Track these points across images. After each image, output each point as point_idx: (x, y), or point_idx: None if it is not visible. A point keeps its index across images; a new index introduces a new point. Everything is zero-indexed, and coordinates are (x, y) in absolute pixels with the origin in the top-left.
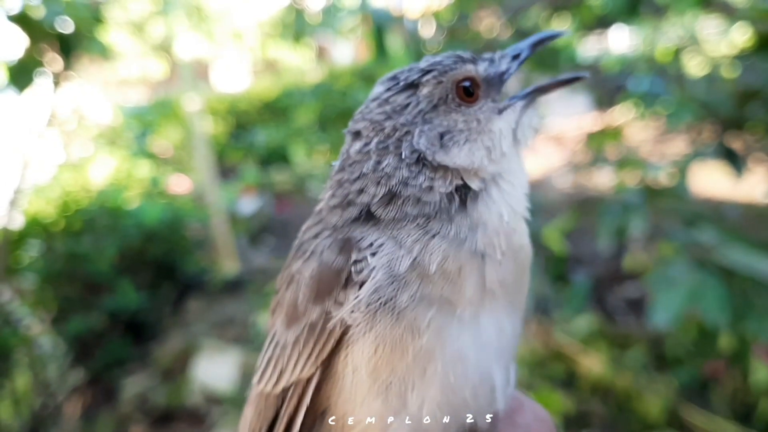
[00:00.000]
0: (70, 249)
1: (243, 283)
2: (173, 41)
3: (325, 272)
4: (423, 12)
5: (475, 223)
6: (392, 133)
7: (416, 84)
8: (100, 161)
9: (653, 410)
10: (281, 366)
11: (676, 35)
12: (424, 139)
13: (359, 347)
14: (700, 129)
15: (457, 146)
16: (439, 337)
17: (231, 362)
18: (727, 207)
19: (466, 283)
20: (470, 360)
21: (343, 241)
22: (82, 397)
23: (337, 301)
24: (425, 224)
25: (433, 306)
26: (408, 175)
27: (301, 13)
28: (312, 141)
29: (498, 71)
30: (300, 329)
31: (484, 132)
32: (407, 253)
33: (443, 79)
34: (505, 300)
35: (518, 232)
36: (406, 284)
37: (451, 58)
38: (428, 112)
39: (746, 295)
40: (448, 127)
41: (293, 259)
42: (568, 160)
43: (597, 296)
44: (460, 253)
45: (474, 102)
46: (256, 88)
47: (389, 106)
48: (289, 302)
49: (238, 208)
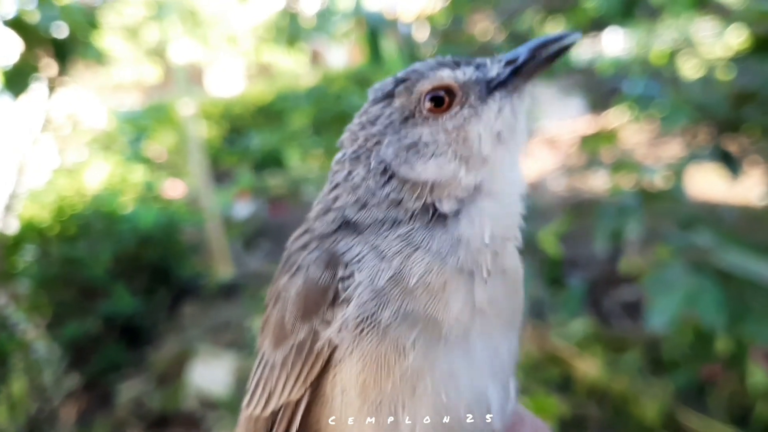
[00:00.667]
0: (65, 254)
1: (238, 287)
2: (167, 46)
3: (312, 290)
4: (417, 16)
5: (457, 240)
6: (364, 144)
7: (392, 94)
8: (95, 166)
9: (650, 414)
10: (270, 388)
11: (670, 38)
12: (391, 150)
13: (347, 367)
14: (696, 132)
15: (422, 161)
16: (426, 357)
17: (226, 367)
18: (724, 210)
19: (451, 299)
20: (462, 379)
21: (329, 255)
22: (77, 402)
23: (324, 320)
24: (407, 236)
25: (418, 324)
26: (374, 186)
27: (295, 17)
28: (306, 145)
29: (485, 77)
30: (288, 349)
31: (456, 141)
32: (388, 265)
33: (413, 90)
34: (497, 319)
35: (503, 254)
36: (388, 300)
37: (428, 66)
38: (400, 123)
39: (743, 298)
40: (414, 141)
41: (281, 273)
42: (562, 163)
43: (592, 299)
44: (444, 268)
45: (445, 111)
46: (250, 92)
47: (365, 116)
48: (276, 321)
49: (233, 212)
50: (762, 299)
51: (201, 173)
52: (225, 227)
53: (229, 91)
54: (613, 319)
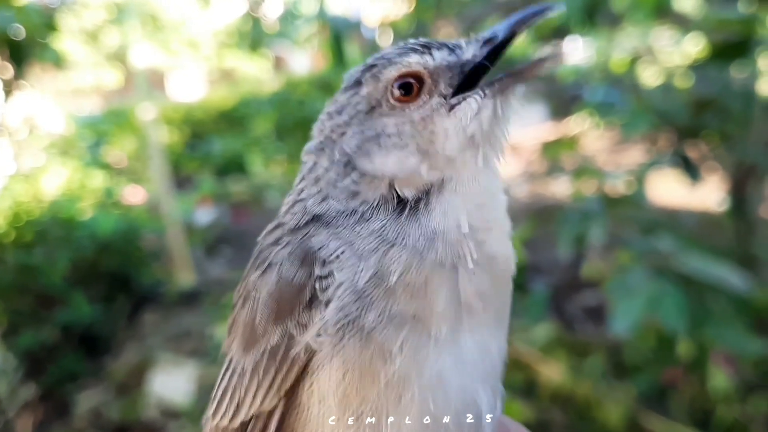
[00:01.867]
0: (21, 261)
1: (199, 294)
2: (128, 50)
3: (286, 289)
4: (381, 21)
5: (432, 233)
6: (330, 134)
7: (359, 82)
8: (53, 171)
9: (613, 418)
10: (239, 397)
11: (630, 45)
12: (354, 142)
13: (326, 374)
14: (656, 138)
15: (382, 153)
16: (414, 361)
17: (188, 375)
18: (683, 215)
19: (435, 296)
20: (452, 384)
21: (303, 251)
22: (33, 413)
23: (300, 323)
24: (381, 232)
25: (405, 326)
26: (335, 178)
27: (258, 21)
28: (269, 150)
29: (459, 60)
30: (259, 354)
31: (420, 134)
32: (366, 264)
33: (380, 77)
34: (487, 315)
35: (489, 242)
36: (372, 302)
37: (397, 51)
38: (366, 113)
39: (703, 303)
40: (378, 132)
41: (251, 269)
42: (525, 169)
43: (556, 305)
44: (424, 263)
45: (413, 100)
46: (212, 97)
47: (334, 105)
48: (246, 322)
49: (195, 218)
50: (722, 303)
51: (162, 179)
52: (186, 234)
53: (191, 96)
54: (576, 324)
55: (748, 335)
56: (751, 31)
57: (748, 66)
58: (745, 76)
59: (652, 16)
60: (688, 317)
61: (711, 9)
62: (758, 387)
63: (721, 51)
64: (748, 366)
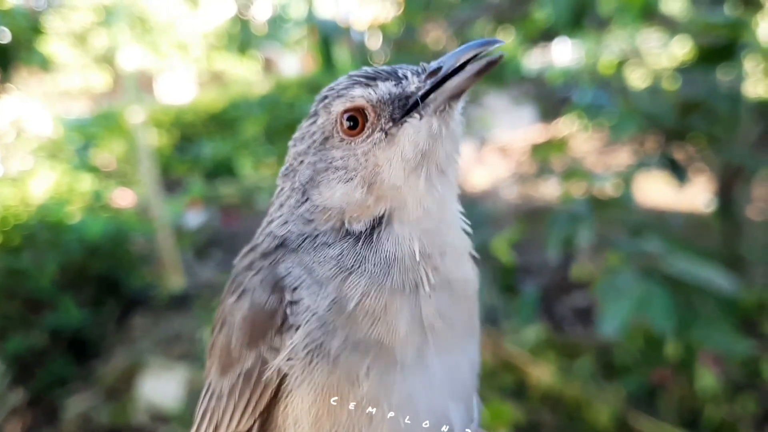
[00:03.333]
0: (9, 265)
1: (189, 298)
2: (116, 52)
3: (258, 314)
4: (370, 24)
5: (387, 260)
6: (293, 161)
7: (316, 112)
8: (41, 175)
9: (602, 418)
10: (217, 419)
11: (618, 48)
12: (307, 173)
13: (298, 397)
14: (644, 140)
15: (329, 186)
16: (381, 384)
17: (178, 379)
18: (671, 216)
19: (396, 321)
20: (421, 403)
21: (273, 277)
22: (22, 419)
23: (272, 347)
24: (339, 258)
25: (369, 352)
26: (294, 204)
27: (247, 24)
28: (259, 153)
29: (403, 93)
30: (235, 378)
31: (364, 167)
32: (325, 291)
33: (330, 109)
34: (453, 333)
35: (445, 265)
36: (335, 328)
37: (345, 83)
38: (320, 143)
39: (691, 304)
40: (327, 164)
41: (227, 294)
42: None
43: (545, 306)
44: (382, 289)
45: (358, 134)
46: (201, 99)
47: (298, 133)
48: (222, 346)
49: (184, 221)
50: (709, 304)
51: (151, 182)
52: (176, 237)
53: (180, 98)
54: (566, 325)
55: (735, 336)
56: (737, 34)
57: (735, 68)
58: (732, 79)
59: (639, 18)
60: (675, 318)
61: (698, 12)
62: (745, 387)
63: (708, 54)
64: (736, 366)
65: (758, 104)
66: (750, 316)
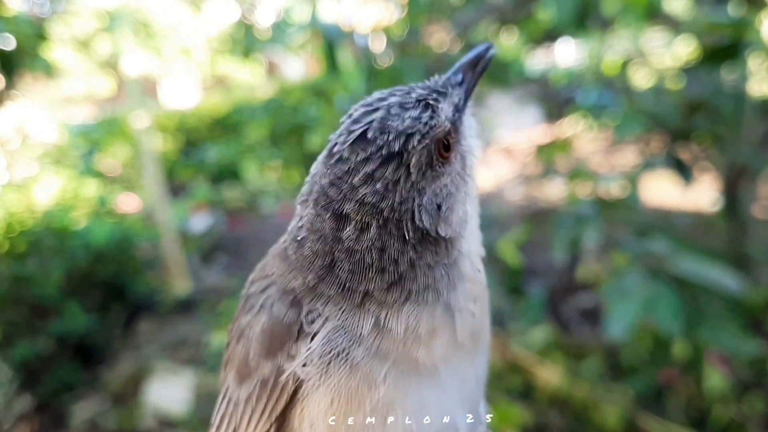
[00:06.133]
0: (15, 272)
1: (195, 302)
2: (120, 58)
3: (277, 326)
4: (373, 27)
5: (455, 281)
6: (391, 216)
7: (400, 153)
8: (46, 181)
9: (610, 419)
10: (234, 424)
11: (622, 48)
12: (425, 216)
13: (315, 400)
14: (649, 140)
15: (453, 212)
16: (397, 389)
17: (184, 384)
18: (677, 216)
19: (436, 342)
20: (433, 409)
21: (291, 296)
22: (29, 425)
23: (289, 355)
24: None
25: (389, 358)
26: (414, 257)
27: (251, 28)
28: (264, 157)
29: (456, 108)
30: (252, 386)
31: (466, 182)
32: (368, 315)
33: (428, 142)
34: (475, 348)
35: (483, 272)
36: (362, 338)
37: (420, 110)
38: (419, 182)
39: (698, 304)
40: (442, 195)
41: (241, 313)
42: (519, 172)
43: (552, 307)
44: (434, 314)
45: (450, 154)
46: (206, 104)
47: (380, 183)
48: (240, 357)
49: (190, 226)
50: (716, 304)
51: (156, 187)
52: (182, 241)
53: (184, 103)
54: (572, 327)
55: (742, 335)
56: (741, 34)
57: (739, 68)
58: (736, 78)
59: (643, 18)
60: (683, 319)
61: (701, 11)
62: (753, 386)
63: (712, 53)
64: (743, 366)
65: (762, 103)
66: (756, 315)
